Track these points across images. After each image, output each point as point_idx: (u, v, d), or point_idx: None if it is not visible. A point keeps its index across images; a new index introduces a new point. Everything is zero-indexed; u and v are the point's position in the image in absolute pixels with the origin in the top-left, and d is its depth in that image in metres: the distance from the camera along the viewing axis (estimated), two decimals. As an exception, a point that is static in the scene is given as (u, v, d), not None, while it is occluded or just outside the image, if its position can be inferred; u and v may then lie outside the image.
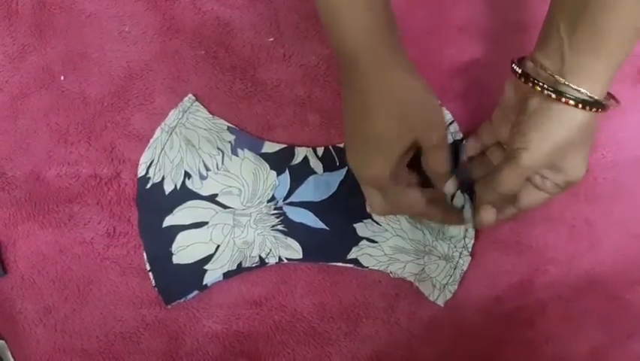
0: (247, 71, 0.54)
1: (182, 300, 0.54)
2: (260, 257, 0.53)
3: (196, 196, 0.54)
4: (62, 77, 0.55)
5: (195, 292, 0.54)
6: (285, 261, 0.53)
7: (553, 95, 0.40)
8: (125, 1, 0.54)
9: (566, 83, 0.40)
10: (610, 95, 0.43)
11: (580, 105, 0.39)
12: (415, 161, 0.47)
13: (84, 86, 0.54)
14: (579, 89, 0.39)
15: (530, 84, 0.42)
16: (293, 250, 0.53)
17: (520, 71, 0.43)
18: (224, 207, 0.54)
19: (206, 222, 0.54)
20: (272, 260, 0.53)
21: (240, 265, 0.54)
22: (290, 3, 0.54)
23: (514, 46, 0.53)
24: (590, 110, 0.40)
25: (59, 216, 0.54)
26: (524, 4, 0.54)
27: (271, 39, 0.54)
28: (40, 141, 0.54)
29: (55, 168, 0.54)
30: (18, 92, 0.54)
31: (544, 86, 0.40)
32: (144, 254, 0.54)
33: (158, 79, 0.54)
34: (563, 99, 0.40)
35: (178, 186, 0.54)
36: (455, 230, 0.53)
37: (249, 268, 0.54)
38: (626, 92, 0.54)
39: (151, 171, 0.54)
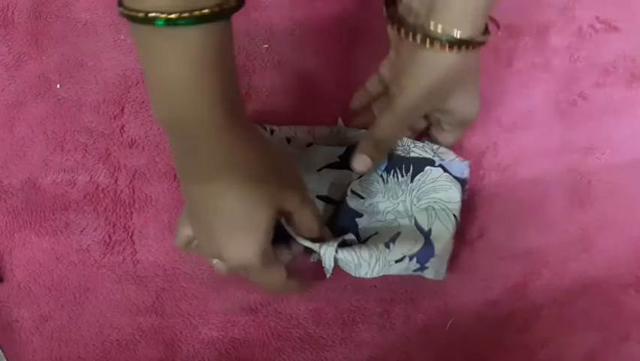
0: (242, 78, 0.54)
1: None
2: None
3: None
4: (58, 85, 0.55)
5: None
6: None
7: (419, 40, 0.38)
8: (121, 10, 0.55)
9: (433, 25, 0.38)
10: (492, 20, 0.40)
11: (447, 48, 0.37)
12: None
13: (80, 94, 0.55)
14: (445, 30, 0.37)
15: (397, 29, 0.40)
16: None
17: (386, 14, 0.41)
18: None
19: None
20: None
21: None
22: (284, 10, 0.55)
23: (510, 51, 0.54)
24: (460, 50, 0.38)
25: (56, 224, 0.55)
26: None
27: (266, 46, 0.54)
28: (36, 148, 0.55)
29: (52, 176, 0.55)
30: (14, 100, 0.55)
31: (411, 31, 0.39)
32: None
33: (153, 86, 0.54)
34: (427, 44, 0.38)
35: None
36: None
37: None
38: (619, 94, 0.55)
39: None
